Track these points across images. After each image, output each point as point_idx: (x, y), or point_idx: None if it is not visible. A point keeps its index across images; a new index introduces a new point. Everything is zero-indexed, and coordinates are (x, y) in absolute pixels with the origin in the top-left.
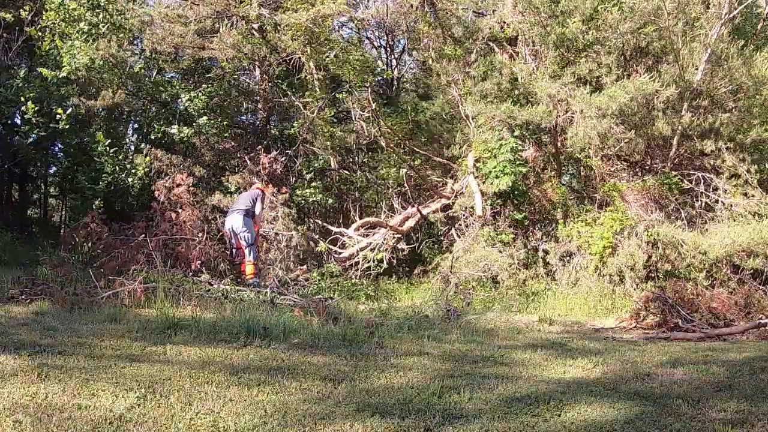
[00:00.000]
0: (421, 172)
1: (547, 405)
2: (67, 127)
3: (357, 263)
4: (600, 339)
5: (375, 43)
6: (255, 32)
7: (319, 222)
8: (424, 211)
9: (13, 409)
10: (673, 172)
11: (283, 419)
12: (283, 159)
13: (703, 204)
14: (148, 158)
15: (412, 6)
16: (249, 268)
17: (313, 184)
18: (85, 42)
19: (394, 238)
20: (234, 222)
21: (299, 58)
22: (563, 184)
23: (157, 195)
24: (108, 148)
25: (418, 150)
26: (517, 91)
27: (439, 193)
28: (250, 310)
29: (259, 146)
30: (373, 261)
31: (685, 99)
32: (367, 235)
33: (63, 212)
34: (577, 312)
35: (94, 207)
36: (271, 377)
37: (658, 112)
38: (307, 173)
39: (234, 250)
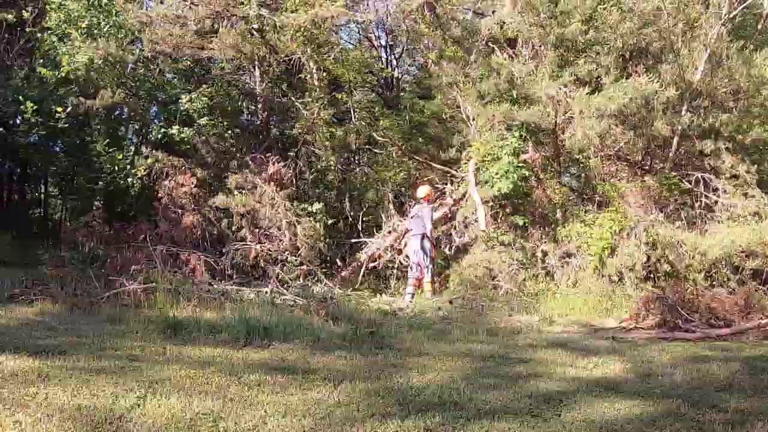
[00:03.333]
0: (421, 173)
1: (547, 405)
2: (66, 125)
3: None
4: (600, 339)
5: (375, 43)
6: (255, 33)
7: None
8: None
9: (13, 409)
10: (673, 173)
11: (283, 419)
12: (288, 162)
13: (703, 204)
14: (150, 160)
15: (410, 12)
16: (428, 286)
17: (316, 206)
18: (84, 41)
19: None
20: (409, 247)
21: (299, 58)
22: (563, 185)
23: (159, 195)
24: (107, 147)
25: (418, 150)
26: (515, 92)
27: (440, 199)
28: (250, 310)
29: (261, 147)
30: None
31: (685, 99)
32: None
33: (63, 212)
34: (577, 312)
35: (93, 207)
36: (271, 377)
37: (658, 112)
38: (309, 174)
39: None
